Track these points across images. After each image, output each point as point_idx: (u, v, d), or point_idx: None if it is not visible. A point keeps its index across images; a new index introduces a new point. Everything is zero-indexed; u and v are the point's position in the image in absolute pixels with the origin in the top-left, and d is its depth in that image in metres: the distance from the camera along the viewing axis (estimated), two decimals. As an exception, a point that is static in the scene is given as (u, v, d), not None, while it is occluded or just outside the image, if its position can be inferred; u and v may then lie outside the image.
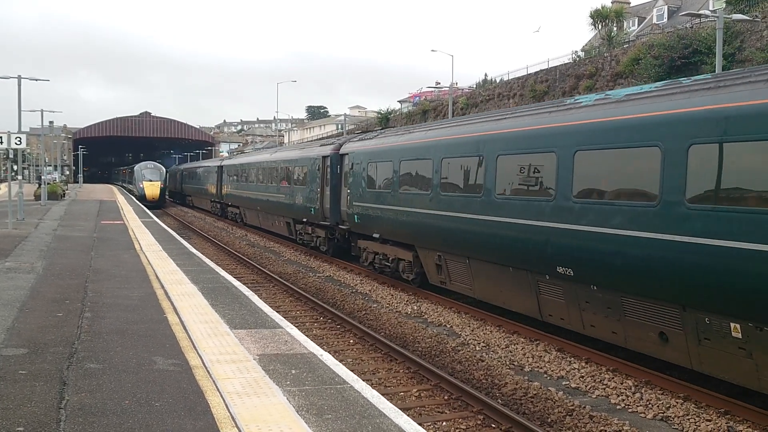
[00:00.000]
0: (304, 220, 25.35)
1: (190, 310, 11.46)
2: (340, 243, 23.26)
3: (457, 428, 8.72)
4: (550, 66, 45.54)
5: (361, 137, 21.34)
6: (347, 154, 21.40)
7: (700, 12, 28.02)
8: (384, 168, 18.18)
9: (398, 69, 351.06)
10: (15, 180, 31.93)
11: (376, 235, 18.68)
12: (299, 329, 10.92)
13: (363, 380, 8.10)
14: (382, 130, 21.38)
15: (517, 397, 9.79)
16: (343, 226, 21.66)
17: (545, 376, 10.78)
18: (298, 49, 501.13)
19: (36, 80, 35.04)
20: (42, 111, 51.21)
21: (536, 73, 46.26)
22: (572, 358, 11.46)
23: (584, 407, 9.20)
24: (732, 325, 8.52)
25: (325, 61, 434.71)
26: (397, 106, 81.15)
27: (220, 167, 43.40)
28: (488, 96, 51.27)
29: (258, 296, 13.69)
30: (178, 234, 27.89)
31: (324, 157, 23.30)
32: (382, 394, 7.85)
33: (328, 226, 23.19)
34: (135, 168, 63.55)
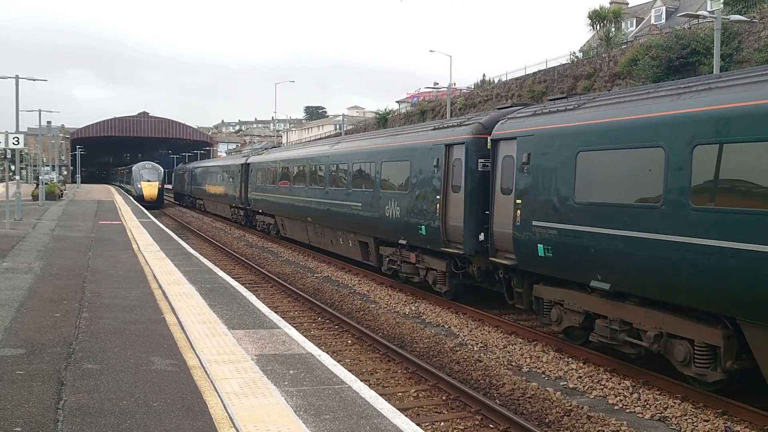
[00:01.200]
0: (402, 242, 17.18)
1: (187, 310, 11.45)
2: (477, 282, 15.56)
3: (455, 428, 8.72)
4: (548, 66, 45.58)
5: (543, 108, 12.88)
6: (514, 138, 12.94)
7: (698, 13, 28.10)
8: (629, 160, 10.00)
9: (396, 69, 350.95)
10: (13, 180, 31.89)
11: (600, 285, 10.50)
12: (297, 329, 10.94)
13: (361, 380, 8.10)
14: (600, 95, 12.44)
15: (515, 397, 9.79)
16: (498, 260, 13.47)
17: (543, 376, 10.79)
18: (296, 49, 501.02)
19: (33, 80, 35.08)
20: (40, 111, 51.24)
21: (534, 73, 46.31)
22: (570, 359, 11.47)
23: (582, 407, 9.21)
24: None
25: (323, 61, 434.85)
26: (396, 106, 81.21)
27: (245, 165, 35.43)
28: (486, 96, 51.31)
29: (256, 296, 13.69)
30: (176, 234, 27.87)
31: (449, 146, 15.27)
32: (380, 395, 7.84)
33: (458, 256, 15.18)
34: (133, 168, 63.48)
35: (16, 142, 25.82)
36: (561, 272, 11.73)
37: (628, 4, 59.90)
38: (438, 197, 15.50)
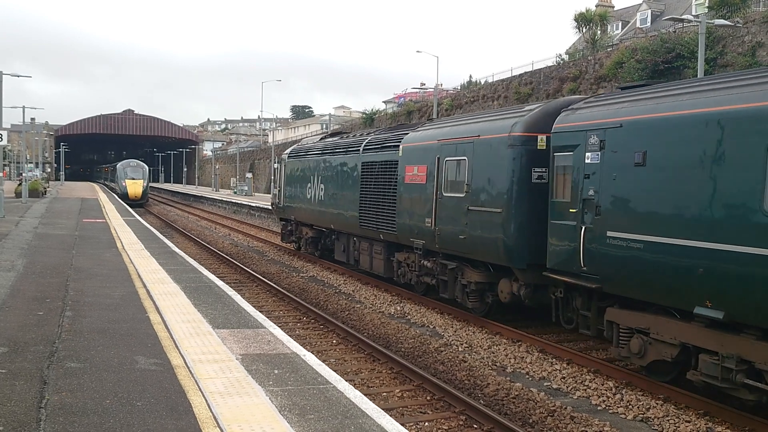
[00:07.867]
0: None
1: (172, 309, 11.39)
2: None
3: (439, 428, 8.74)
4: (534, 68, 45.69)
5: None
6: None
7: (683, 17, 28.28)
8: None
9: (383, 70, 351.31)
10: (-5, 177, 31.64)
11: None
12: (282, 329, 10.91)
13: (346, 380, 8.09)
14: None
15: (499, 397, 9.84)
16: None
17: (527, 377, 10.84)
18: (284, 49, 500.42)
19: (18, 76, 34.89)
20: (24, 107, 50.97)
21: (520, 75, 46.41)
22: (554, 359, 11.54)
23: (565, 408, 9.26)
24: None
25: (310, 61, 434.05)
26: (382, 106, 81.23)
27: None
28: (473, 97, 51.41)
29: (241, 296, 13.63)
30: (161, 233, 27.70)
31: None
32: (365, 395, 7.85)
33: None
34: (117, 166, 63.12)
35: (0, 139, 25.58)
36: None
37: (614, 7, 60.25)
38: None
